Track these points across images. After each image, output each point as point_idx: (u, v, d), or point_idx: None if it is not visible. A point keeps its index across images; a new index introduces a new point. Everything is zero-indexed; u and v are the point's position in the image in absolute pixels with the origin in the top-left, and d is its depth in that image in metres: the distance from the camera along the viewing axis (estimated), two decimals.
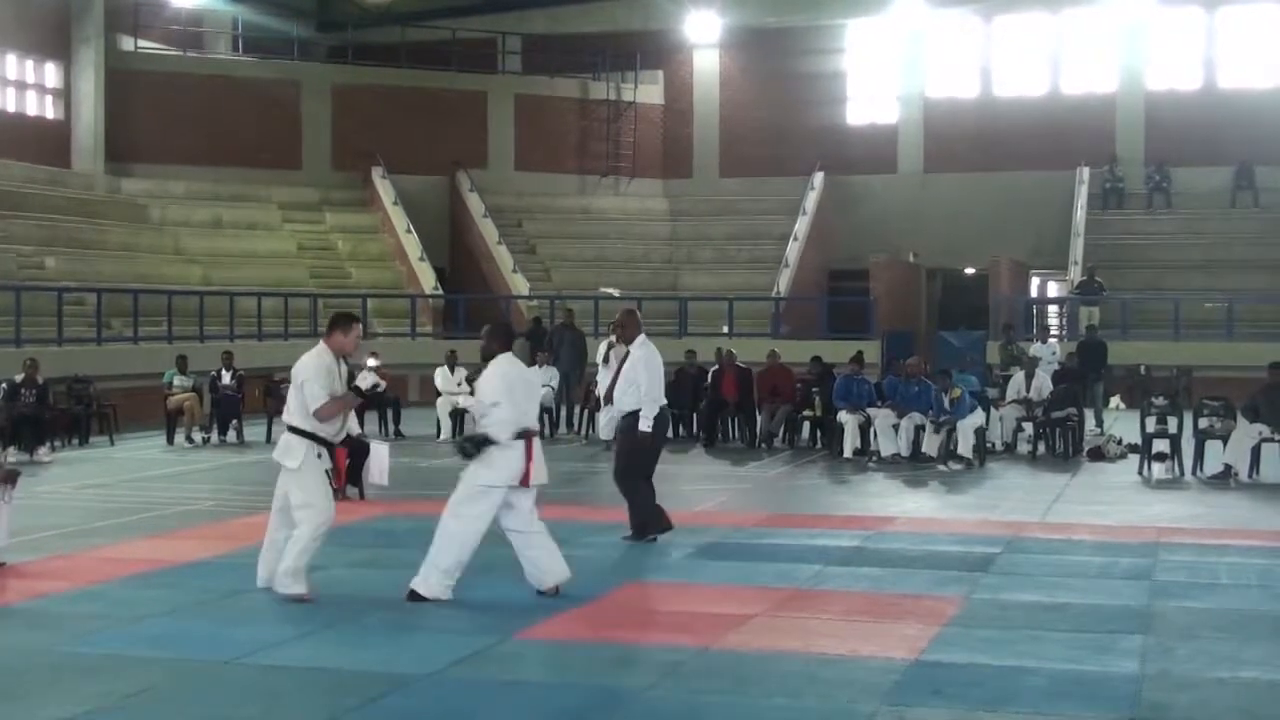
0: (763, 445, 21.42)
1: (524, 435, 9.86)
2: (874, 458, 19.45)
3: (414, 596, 9.83)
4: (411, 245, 34.72)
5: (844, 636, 8.89)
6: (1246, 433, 17.30)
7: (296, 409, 9.97)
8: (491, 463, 9.77)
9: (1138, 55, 37.52)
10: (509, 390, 9.81)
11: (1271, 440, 17.30)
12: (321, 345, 10.18)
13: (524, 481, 9.90)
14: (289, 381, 24.26)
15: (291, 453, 9.90)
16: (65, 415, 21.74)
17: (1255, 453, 17.33)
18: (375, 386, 10.20)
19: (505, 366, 9.98)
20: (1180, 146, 36.22)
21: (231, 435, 22.25)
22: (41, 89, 33.99)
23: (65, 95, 34.20)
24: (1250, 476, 17.19)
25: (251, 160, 35.67)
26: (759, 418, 21.81)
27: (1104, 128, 37.19)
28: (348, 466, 15.16)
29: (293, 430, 9.94)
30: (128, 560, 11.61)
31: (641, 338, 12.95)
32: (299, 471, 9.91)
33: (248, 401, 23.09)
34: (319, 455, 9.95)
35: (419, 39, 38.83)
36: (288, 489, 9.97)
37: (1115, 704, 7.36)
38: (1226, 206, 36.03)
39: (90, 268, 29.19)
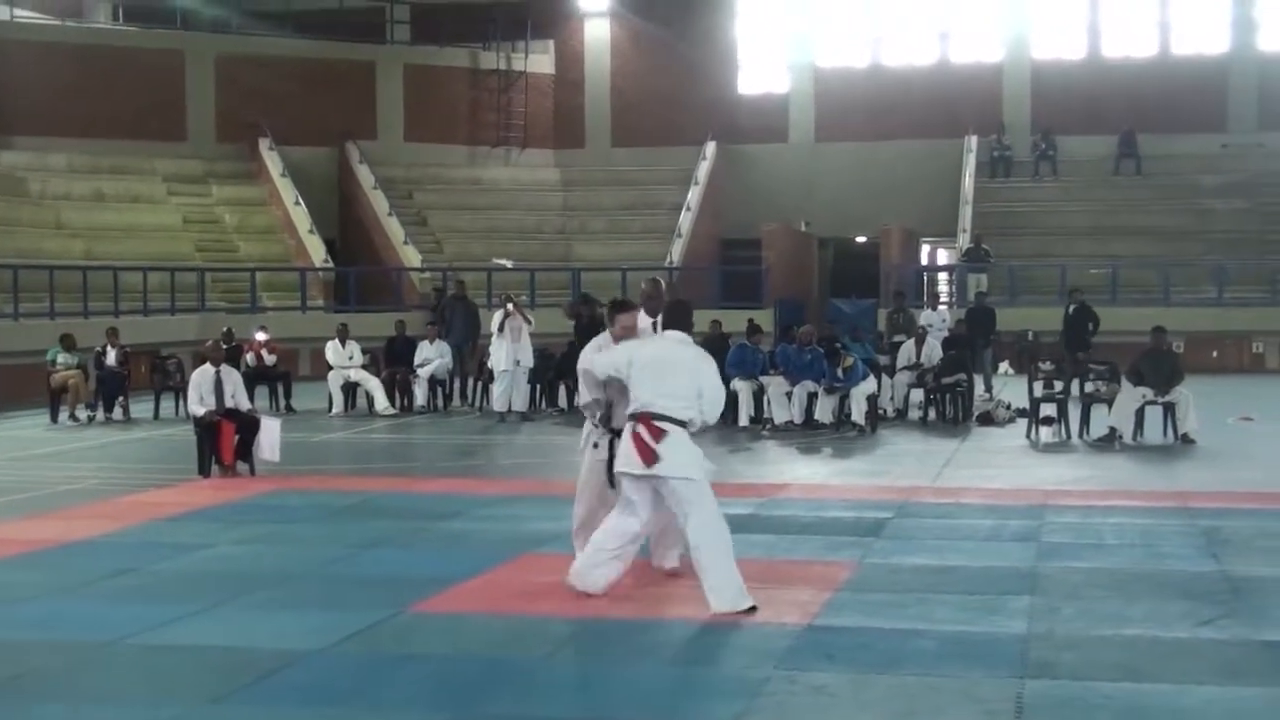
0: None
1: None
2: (768, 425, 19.54)
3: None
4: (300, 218, 34.32)
5: None
6: (1130, 396, 17.60)
7: None
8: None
9: (1023, 25, 38.01)
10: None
11: (1154, 403, 17.62)
12: None
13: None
14: (175, 357, 23.99)
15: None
16: None
17: (1139, 415, 17.64)
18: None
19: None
20: (1065, 115, 36.80)
21: (118, 412, 21.86)
22: None
23: None
24: (1134, 439, 17.49)
25: (134, 132, 35.00)
26: None
27: (991, 97, 37.68)
28: (238, 442, 15.07)
29: None
30: (8, 541, 11.34)
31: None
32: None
33: (134, 378, 22.74)
34: (594, 445, 9.51)
35: (305, 8, 38.37)
36: None
37: (1003, 664, 7.46)
38: (1110, 174, 36.70)
39: None
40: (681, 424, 8.77)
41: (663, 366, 8.87)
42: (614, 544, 8.95)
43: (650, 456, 8.68)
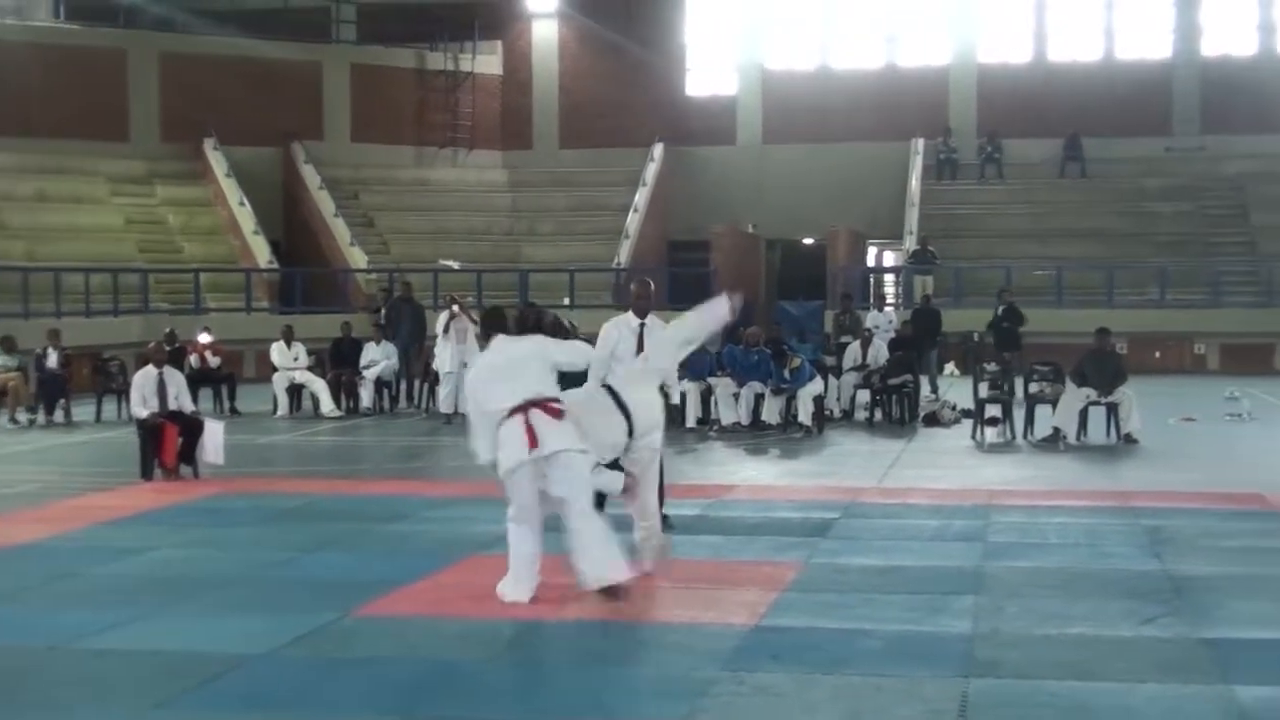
0: None
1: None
2: (715, 426, 19.57)
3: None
4: (245, 218, 34.08)
5: (685, 604, 8.92)
6: (1074, 396, 17.73)
7: None
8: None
9: (970, 29, 38.22)
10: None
11: (1098, 403, 17.75)
12: None
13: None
14: (118, 359, 23.73)
15: None
16: None
17: (1083, 416, 17.77)
18: None
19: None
20: (1011, 118, 37.02)
21: (59, 415, 21.64)
22: None
23: None
24: (1078, 439, 17.62)
25: (76, 131, 34.52)
26: None
27: (938, 100, 37.86)
28: (181, 444, 14.94)
29: None
30: None
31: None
32: None
33: (76, 380, 22.52)
34: None
35: (250, 7, 38.07)
36: None
37: (948, 663, 7.49)
38: (1055, 177, 36.95)
39: None
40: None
41: (513, 366, 8.95)
42: (527, 560, 8.97)
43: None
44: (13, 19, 36.09)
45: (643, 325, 10.97)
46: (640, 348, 10.78)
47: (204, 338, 23.30)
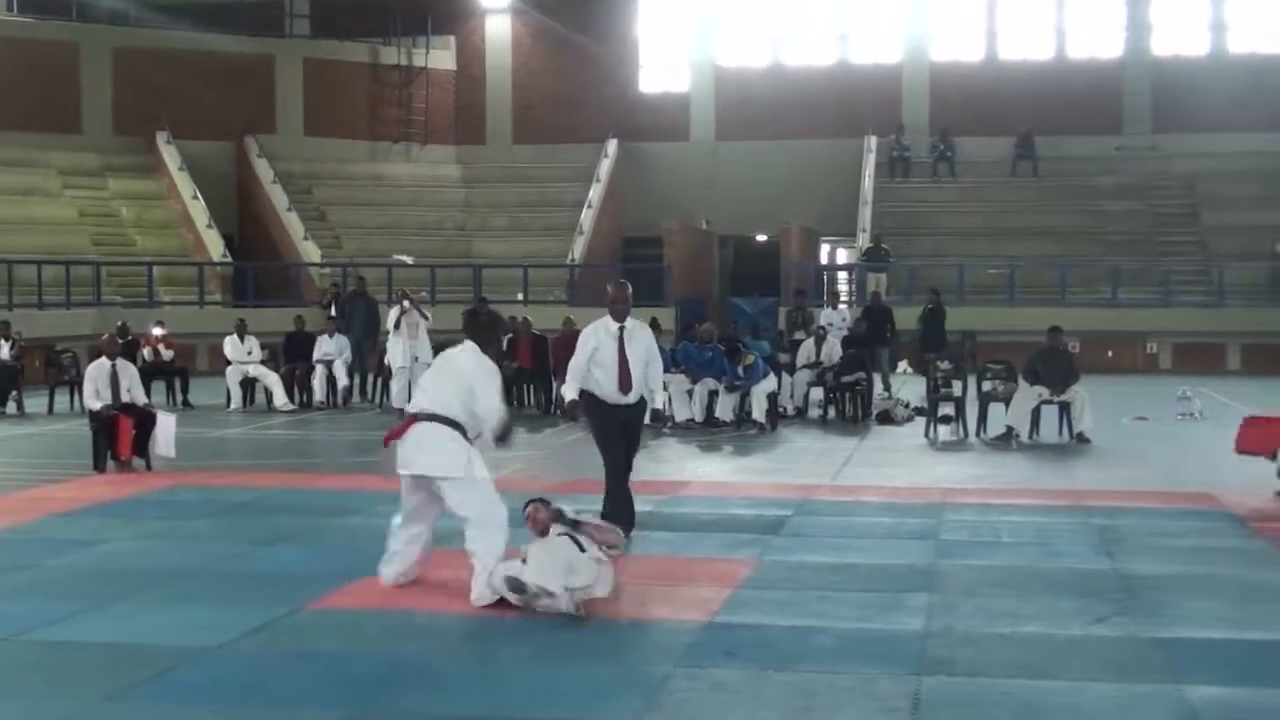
0: (557, 412, 21.40)
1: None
2: (668, 423, 19.55)
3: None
4: (198, 212, 33.90)
5: (638, 600, 8.94)
6: (1027, 395, 17.83)
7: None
8: None
9: (922, 27, 38.38)
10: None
11: (1050, 402, 17.87)
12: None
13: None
14: (71, 351, 23.55)
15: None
16: None
17: (1035, 414, 17.87)
18: None
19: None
20: (963, 116, 37.20)
21: (11, 407, 21.49)
22: None
23: None
24: (1030, 437, 17.73)
25: (28, 124, 34.29)
26: (554, 385, 21.80)
27: (891, 98, 37.99)
28: (134, 437, 14.85)
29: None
30: None
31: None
32: None
33: (28, 372, 22.40)
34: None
35: (203, 0, 37.83)
36: None
37: (901, 661, 7.53)
38: (1007, 175, 37.14)
39: None
40: (452, 425, 8.95)
41: (439, 373, 9.33)
42: (394, 544, 9.28)
43: (387, 443, 9.14)
44: None
45: (622, 329, 10.79)
46: (621, 353, 10.59)
47: (157, 331, 23.20)
